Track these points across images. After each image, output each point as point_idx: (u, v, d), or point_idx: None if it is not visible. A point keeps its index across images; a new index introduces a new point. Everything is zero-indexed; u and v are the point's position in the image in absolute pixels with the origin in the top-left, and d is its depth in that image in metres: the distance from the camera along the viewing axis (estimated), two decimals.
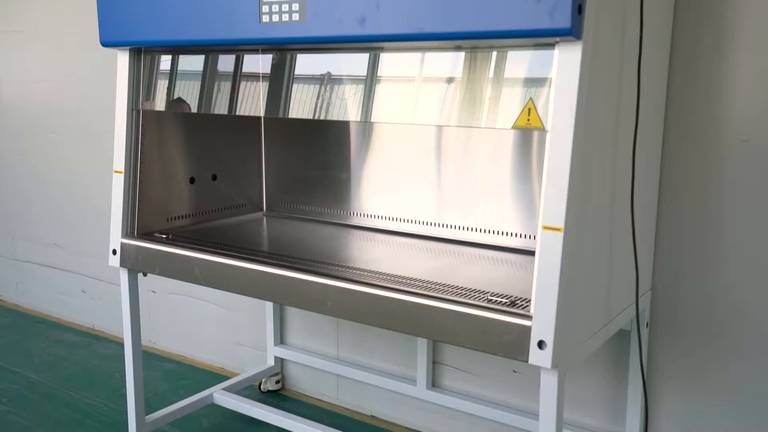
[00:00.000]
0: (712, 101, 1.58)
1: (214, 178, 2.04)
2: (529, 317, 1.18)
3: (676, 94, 1.62)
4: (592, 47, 1.14)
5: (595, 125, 1.21)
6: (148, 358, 2.71)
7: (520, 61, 1.24)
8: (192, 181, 1.97)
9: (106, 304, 2.98)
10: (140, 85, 1.75)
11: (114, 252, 1.78)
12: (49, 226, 3.14)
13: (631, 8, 1.30)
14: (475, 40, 1.22)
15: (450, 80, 1.32)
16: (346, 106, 1.45)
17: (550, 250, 1.15)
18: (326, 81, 1.48)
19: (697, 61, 1.59)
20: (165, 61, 1.73)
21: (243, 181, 2.14)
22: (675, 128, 1.63)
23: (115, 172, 1.77)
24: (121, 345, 2.85)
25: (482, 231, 1.80)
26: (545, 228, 1.15)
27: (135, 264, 1.76)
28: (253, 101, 1.60)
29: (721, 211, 1.61)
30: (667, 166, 1.65)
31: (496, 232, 1.78)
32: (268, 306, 2.40)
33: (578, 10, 1.08)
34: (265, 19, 1.40)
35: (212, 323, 2.63)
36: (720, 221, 1.61)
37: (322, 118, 1.49)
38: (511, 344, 1.20)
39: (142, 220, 1.81)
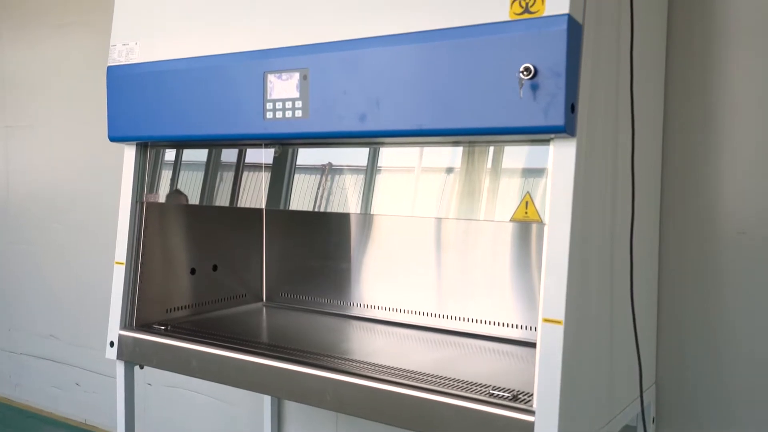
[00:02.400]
0: (707, 194, 1.61)
1: (215, 268, 2.05)
2: (532, 412, 1.16)
3: (670, 186, 1.65)
4: (586, 142, 1.18)
5: (592, 218, 1.23)
6: None
7: (517, 155, 1.28)
8: (193, 271, 1.97)
9: (100, 397, 2.92)
10: (145, 178, 1.79)
11: (111, 344, 1.76)
12: (47, 317, 3.11)
13: (622, 104, 1.35)
14: (473, 136, 1.26)
15: (448, 173, 1.35)
16: (347, 197, 1.47)
17: (551, 343, 1.14)
18: (327, 171, 1.51)
19: (690, 155, 1.63)
20: (169, 155, 1.77)
21: (243, 272, 2.14)
22: (671, 220, 1.65)
23: (116, 263, 1.78)
24: None
25: (482, 322, 1.79)
26: (545, 321, 1.15)
27: (132, 356, 1.74)
28: (254, 193, 1.63)
29: (721, 302, 1.60)
30: (665, 257, 1.66)
31: (496, 324, 1.77)
32: (266, 399, 2.35)
33: (571, 108, 1.12)
34: (269, 115, 1.45)
35: (208, 417, 2.56)
36: (721, 313, 1.60)
37: (322, 210, 1.51)
38: None
39: (141, 311, 1.80)
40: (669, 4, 1.63)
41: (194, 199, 1.75)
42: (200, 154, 1.74)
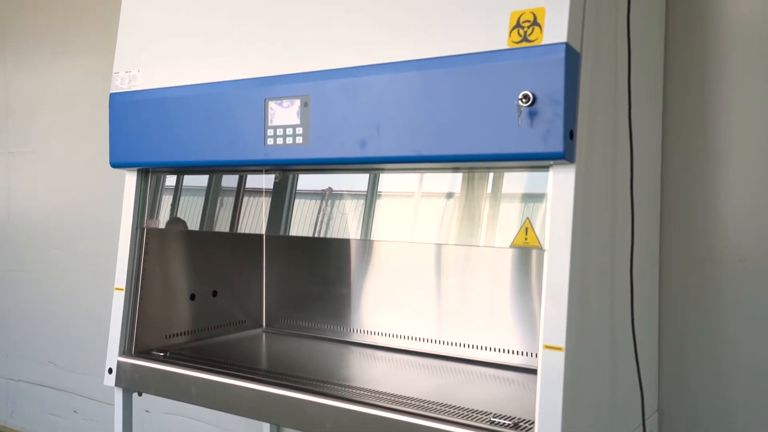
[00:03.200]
0: (707, 220, 1.61)
1: (215, 294, 2.04)
2: None
3: (670, 212, 1.65)
4: (585, 169, 1.18)
5: (592, 244, 1.23)
6: None
7: (516, 181, 1.28)
8: (192, 297, 1.97)
9: (98, 425, 2.89)
10: (146, 203, 1.79)
11: (110, 371, 1.75)
12: (45, 343, 3.10)
13: (621, 130, 1.36)
14: (472, 162, 1.27)
15: (448, 199, 1.35)
16: (347, 222, 1.48)
17: (552, 369, 1.14)
18: (327, 196, 1.52)
19: (689, 181, 1.63)
20: (170, 180, 1.78)
21: (243, 297, 2.14)
22: (671, 245, 1.65)
23: (116, 289, 1.78)
24: None
25: (483, 348, 1.78)
26: (546, 347, 1.14)
27: (130, 383, 1.73)
28: (254, 219, 1.64)
29: (723, 328, 1.60)
30: (666, 282, 1.66)
31: (496, 350, 1.76)
32: (265, 426, 2.32)
33: (570, 135, 1.13)
34: (270, 142, 1.46)
35: None
36: (723, 339, 1.60)
37: (322, 235, 1.51)
38: None
39: (141, 337, 1.79)
40: (666, 30, 1.65)
41: (194, 224, 1.75)
42: (201, 180, 1.75)
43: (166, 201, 1.78)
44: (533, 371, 1.67)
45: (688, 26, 1.63)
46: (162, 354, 1.75)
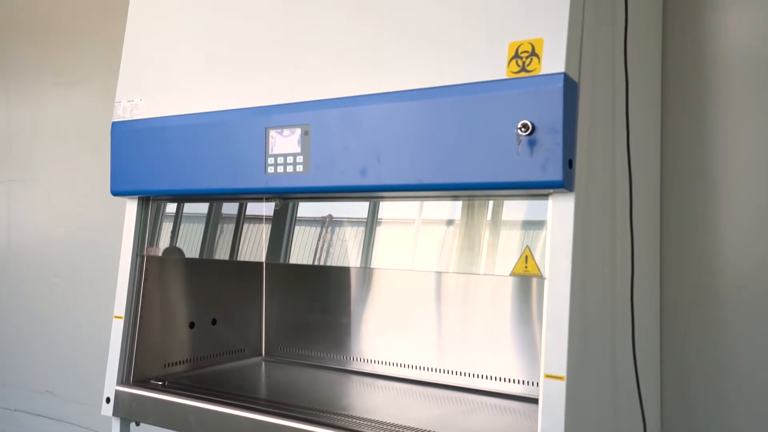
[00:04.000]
0: (707, 247, 1.61)
1: (214, 322, 2.04)
2: None
3: (670, 239, 1.65)
4: (585, 197, 1.19)
5: (592, 272, 1.23)
6: None
7: (516, 208, 1.29)
8: (192, 325, 1.96)
9: None
10: (146, 231, 1.79)
11: (107, 400, 1.74)
12: (43, 372, 3.08)
13: (620, 159, 1.36)
14: (472, 190, 1.27)
15: (448, 226, 1.36)
16: (347, 250, 1.48)
17: (553, 399, 1.13)
18: (327, 223, 1.52)
19: (689, 209, 1.64)
20: (170, 208, 1.78)
21: (243, 326, 2.13)
22: (671, 273, 1.65)
23: (115, 317, 1.77)
24: None
25: (483, 377, 1.77)
26: (547, 377, 1.14)
27: (128, 413, 1.71)
28: (254, 247, 1.64)
29: (725, 356, 1.59)
30: (667, 311, 1.65)
31: (497, 379, 1.75)
32: None
33: (569, 164, 1.14)
34: (270, 170, 1.46)
35: None
36: (725, 367, 1.59)
37: (322, 263, 1.51)
38: None
39: (139, 366, 1.78)
40: (663, 57, 1.67)
41: (194, 252, 1.75)
42: (201, 207, 1.75)
43: (166, 228, 1.78)
44: (534, 400, 1.66)
45: (685, 55, 1.65)
46: (160, 383, 1.74)
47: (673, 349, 1.65)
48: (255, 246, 1.64)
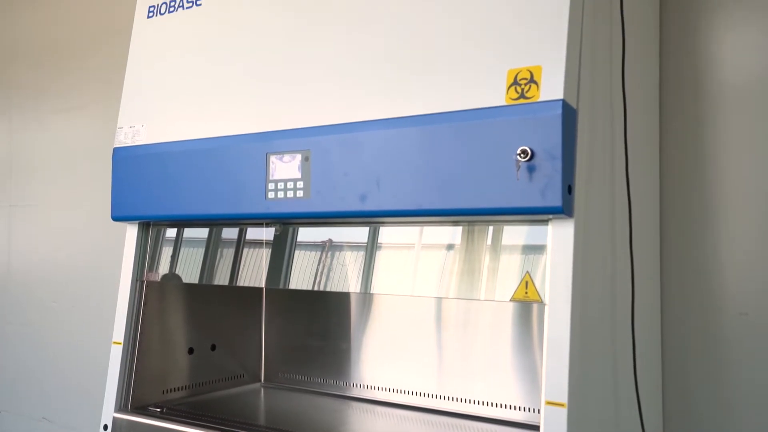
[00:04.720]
0: (707, 273, 1.61)
1: (213, 348, 2.03)
2: None
3: (670, 266, 1.65)
4: (584, 223, 1.19)
5: (592, 298, 1.23)
6: None
7: (516, 234, 1.29)
8: (191, 351, 1.95)
9: None
10: (146, 256, 1.79)
11: (105, 427, 1.72)
12: (40, 398, 3.05)
13: (619, 184, 1.37)
14: (472, 216, 1.28)
15: (448, 251, 1.36)
16: (347, 275, 1.48)
17: (554, 426, 1.12)
18: (327, 248, 1.52)
19: (689, 235, 1.64)
20: (170, 233, 1.79)
21: (242, 351, 2.12)
22: (672, 300, 1.65)
23: (114, 343, 1.76)
24: None
25: (484, 404, 1.75)
26: (548, 403, 1.13)
27: None
28: (254, 272, 1.64)
29: (726, 383, 1.58)
30: (667, 338, 1.65)
31: (498, 405, 1.73)
32: None
33: (568, 189, 1.14)
34: (271, 195, 1.47)
35: None
36: (726, 394, 1.58)
37: (322, 288, 1.51)
38: None
39: (137, 393, 1.77)
40: (660, 83, 1.69)
41: (194, 277, 1.75)
42: (201, 232, 1.75)
43: (166, 254, 1.78)
44: (536, 427, 1.65)
45: (682, 80, 1.66)
46: (159, 410, 1.72)
47: (675, 373, 1.64)
48: (255, 271, 1.64)
